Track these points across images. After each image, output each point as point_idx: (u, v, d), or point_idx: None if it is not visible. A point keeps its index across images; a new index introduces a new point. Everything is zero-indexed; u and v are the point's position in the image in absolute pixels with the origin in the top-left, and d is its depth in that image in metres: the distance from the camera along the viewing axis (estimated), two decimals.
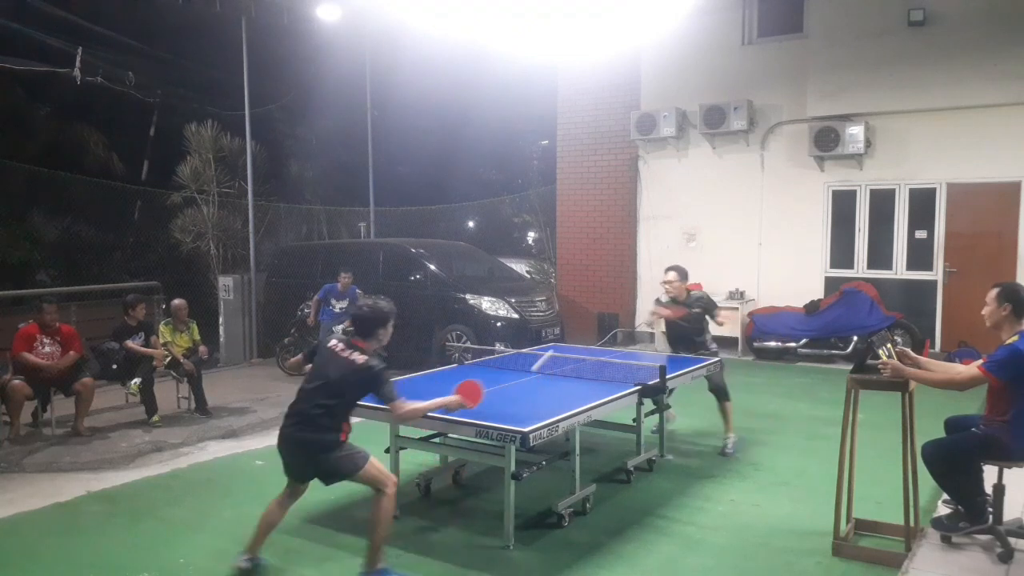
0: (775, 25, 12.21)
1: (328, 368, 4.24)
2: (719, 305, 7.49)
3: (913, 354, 4.59)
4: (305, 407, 4.22)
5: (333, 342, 4.36)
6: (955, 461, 4.49)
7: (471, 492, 5.89)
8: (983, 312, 4.54)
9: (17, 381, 7.23)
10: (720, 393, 6.84)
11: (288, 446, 4.26)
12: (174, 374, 8.45)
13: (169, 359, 8.23)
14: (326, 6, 12.24)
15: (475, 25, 9.69)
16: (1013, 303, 4.39)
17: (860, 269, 11.64)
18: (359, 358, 4.19)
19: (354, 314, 4.52)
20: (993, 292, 4.49)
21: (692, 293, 7.07)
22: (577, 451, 5.24)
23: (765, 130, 12.18)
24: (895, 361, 4.42)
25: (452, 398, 4.40)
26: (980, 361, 4.47)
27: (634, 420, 6.16)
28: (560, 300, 12.59)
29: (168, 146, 15.66)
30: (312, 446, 4.19)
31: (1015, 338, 4.32)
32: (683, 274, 7.05)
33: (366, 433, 4.82)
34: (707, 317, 7.09)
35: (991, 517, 4.48)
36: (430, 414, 4.58)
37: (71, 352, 7.59)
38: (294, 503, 4.47)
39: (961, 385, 4.38)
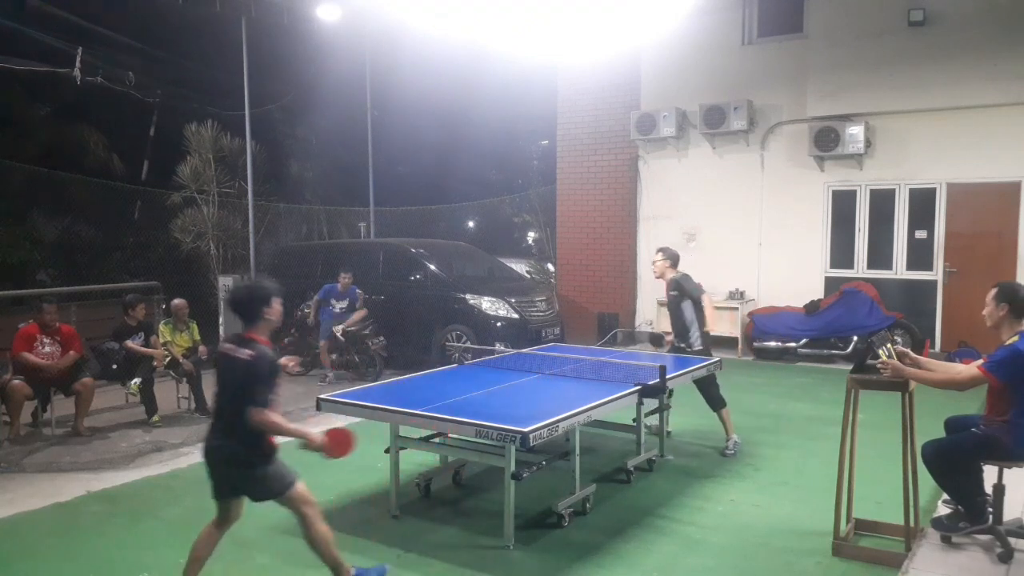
0: (775, 25, 12.21)
1: (224, 372, 3.92)
2: (706, 292, 6.89)
3: (913, 354, 4.60)
4: (220, 418, 3.95)
5: (227, 345, 3.96)
6: (955, 461, 4.50)
7: (471, 492, 5.88)
8: (983, 312, 4.54)
9: (17, 381, 7.23)
10: (715, 403, 6.73)
11: (209, 458, 3.94)
12: (174, 374, 8.45)
13: (169, 359, 8.23)
14: (326, 6, 12.23)
15: (475, 25, 9.70)
16: (1011, 303, 4.40)
17: (860, 269, 11.64)
18: (244, 353, 3.81)
19: (230, 300, 4.08)
20: (992, 292, 4.50)
21: (673, 276, 6.89)
22: (577, 451, 5.24)
23: (765, 130, 12.18)
24: (895, 361, 4.42)
25: (317, 436, 3.92)
26: (980, 361, 4.48)
27: (634, 420, 6.16)
28: (560, 300, 12.59)
29: (168, 146, 15.65)
30: (234, 458, 3.86)
31: (1015, 338, 4.33)
32: (670, 256, 6.91)
33: (366, 433, 4.81)
34: (692, 309, 6.81)
35: (991, 517, 4.48)
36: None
37: (71, 352, 7.59)
38: (225, 533, 4.09)
39: (961, 385, 4.39)
